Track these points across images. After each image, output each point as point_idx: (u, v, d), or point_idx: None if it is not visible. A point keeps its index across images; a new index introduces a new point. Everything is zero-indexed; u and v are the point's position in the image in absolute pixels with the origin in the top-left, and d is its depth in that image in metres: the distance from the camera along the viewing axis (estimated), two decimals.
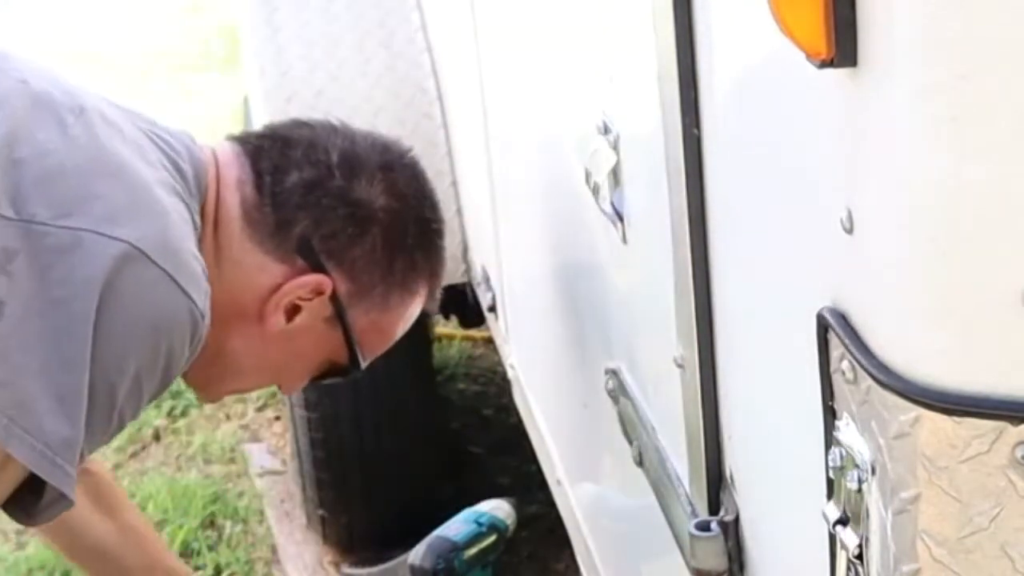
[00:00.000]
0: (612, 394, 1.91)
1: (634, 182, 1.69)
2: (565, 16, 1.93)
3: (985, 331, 1.00)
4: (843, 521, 1.14)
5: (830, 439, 1.14)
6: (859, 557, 1.13)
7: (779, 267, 1.28)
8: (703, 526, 1.54)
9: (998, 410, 1.01)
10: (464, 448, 4.05)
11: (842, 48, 1.01)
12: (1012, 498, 1.03)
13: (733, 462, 1.51)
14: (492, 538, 2.38)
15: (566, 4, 1.93)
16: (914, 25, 0.96)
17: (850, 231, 1.07)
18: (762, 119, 1.27)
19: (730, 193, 1.38)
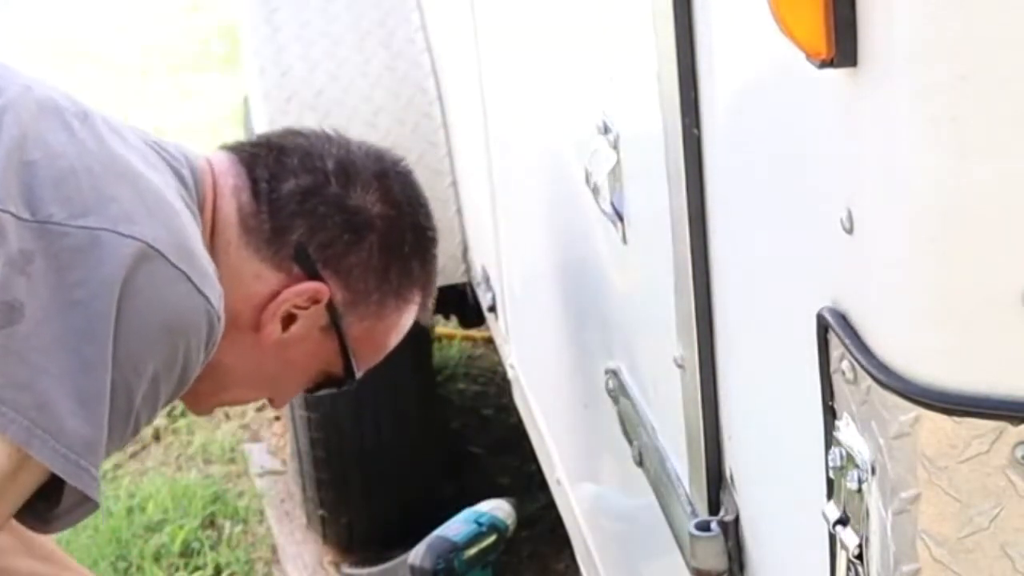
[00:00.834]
0: (612, 394, 1.91)
1: (634, 182, 1.69)
2: (565, 16, 1.93)
3: (985, 331, 1.00)
4: (843, 521, 1.14)
5: (830, 439, 1.14)
6: (859, 557, 1.13)
7: (779, 267, 1.28)
8: (703, 526, 1.54)
9: (998, 410, 1.01)
10: (464, 448, 4.04)
11: (842, 48, 1.01)
12: (1012, 498, 1.02)
13: (733, 462, 1.51)
14: (492, 538, 2.38)
15: (566, 4, 1.93)
16: (914, 25, 0.96)
17: (850, 231, 1.07)
18: (762, 119, 1.27)
19: (730, 193, 1.38)
